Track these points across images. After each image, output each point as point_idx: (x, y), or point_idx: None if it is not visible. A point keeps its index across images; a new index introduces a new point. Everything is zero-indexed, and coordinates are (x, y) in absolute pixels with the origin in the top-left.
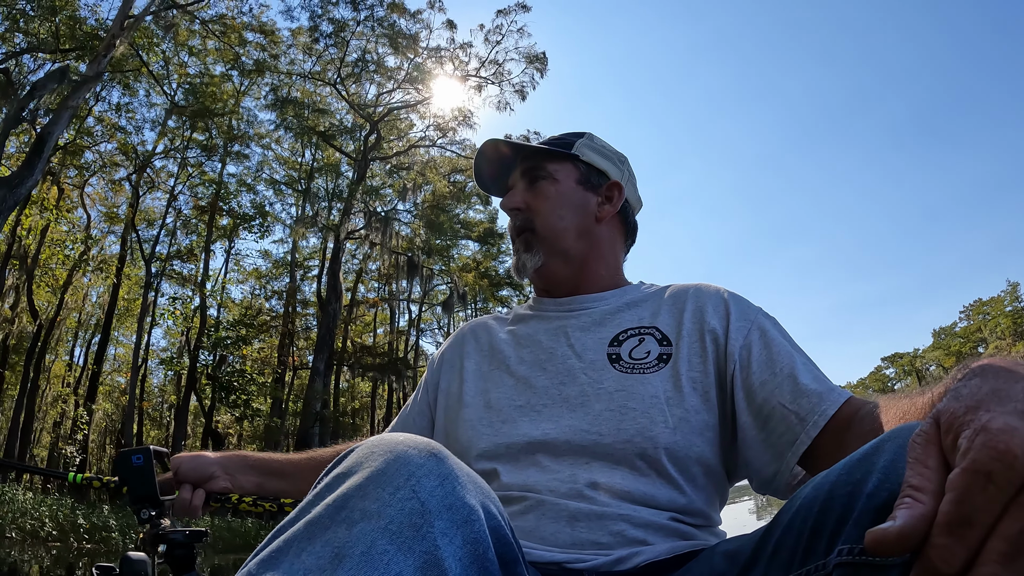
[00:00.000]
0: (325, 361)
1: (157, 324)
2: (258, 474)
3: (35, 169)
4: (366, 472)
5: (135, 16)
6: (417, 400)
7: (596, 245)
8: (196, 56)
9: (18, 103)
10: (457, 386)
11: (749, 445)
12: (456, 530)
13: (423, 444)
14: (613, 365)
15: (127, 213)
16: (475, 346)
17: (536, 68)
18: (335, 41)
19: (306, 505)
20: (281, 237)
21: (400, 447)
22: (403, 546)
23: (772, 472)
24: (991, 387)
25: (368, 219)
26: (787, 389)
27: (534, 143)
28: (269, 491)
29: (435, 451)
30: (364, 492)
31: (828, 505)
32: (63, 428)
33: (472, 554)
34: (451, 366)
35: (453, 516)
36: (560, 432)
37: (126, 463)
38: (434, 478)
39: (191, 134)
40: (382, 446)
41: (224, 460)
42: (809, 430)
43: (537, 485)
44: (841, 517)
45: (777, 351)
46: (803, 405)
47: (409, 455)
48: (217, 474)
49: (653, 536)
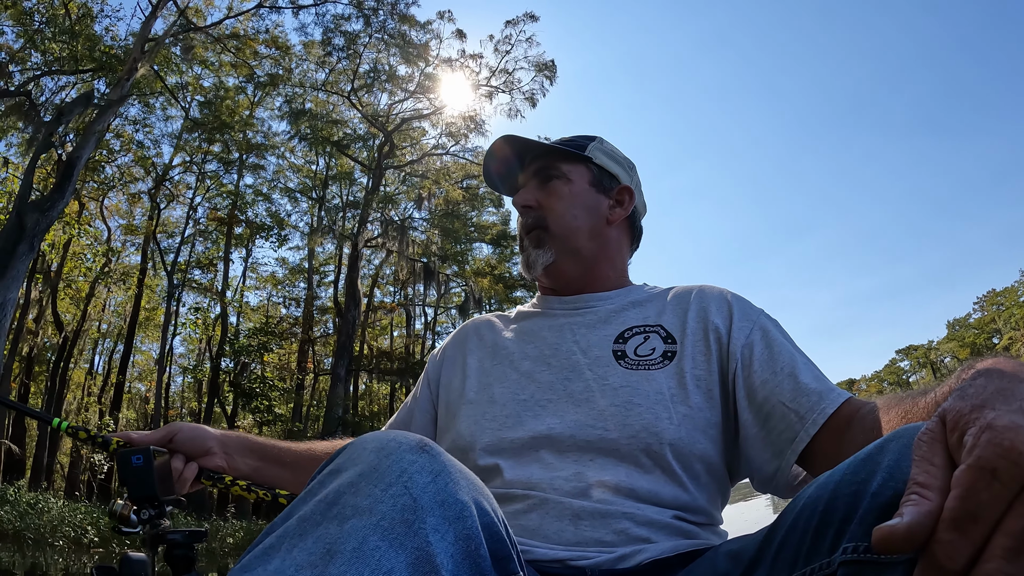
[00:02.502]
0: (345, 367)
1: (178, 334)
2: (256, 458)
3: (65, 193)
4: (358, 468)
5: (155, 39)
6: (417, 396)
7: (605, 246)
8: (210, 69)
9: (46, 128)
10: (459, 381)
11: (750, 443)
12: (448, 526)
13: (415, 440)
14: (618, 362)
15: (146, 225)
16: (478, 343)
17: (545, 76)
18: (347, 53)
19: (299, 502)
20: (298, 244)
21: (392, 443)
22: (395, 542)
23: (772, 470)
24: (996, 386)
25: (384, 227)
26: (787, 388)
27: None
28: (265, 477)
29: (427, 447)
30: (356, 488)
31: (832, 504)
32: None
33: (464, 550)
34: (453, 362)
35: (445, 512)
36: (565, 427)
37: (125, 463)
38: (426, 474)
39: (208, 146)
40: (374, 443)
41: (224, 438)
42: (808, 428)
43: (541, 483)
44: (845, 516)
45: (778, 351)
46: (803, 404)
47: (401, 451)
48: (215, 450)
49: (656, 534)
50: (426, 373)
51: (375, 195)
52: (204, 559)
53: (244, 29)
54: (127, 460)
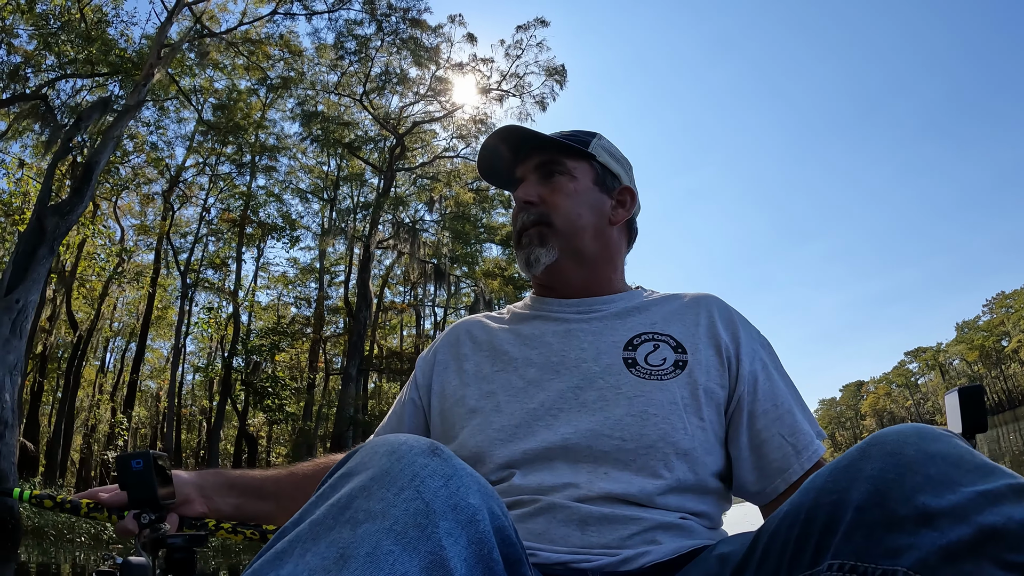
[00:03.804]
0: (357, 367)
1: (191, 334)
2: (237, 495)
3: (84, 197)
4: (370, 473)
5: (171, 44)
6: (404, 402)
7: (607, 248)
8: (223, 72)
9: (65, 134)
10: (457, 389)
11: (739, 463)
12: (461, 530)
13: (426, 444)
14: (630, 370)
15: (160, 226)
16: (472, 346)
17: (556, 80)
18: (359, 57)
19: (311, 506)
20: (309, 245)
21: (404, 447)
22: (408, 546)
23: (756, 490)
24: None
25: (396, 230)
26: (787, 423)
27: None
28: (248, 514)
29: (438, 451)
30: (368, 493)
31: (813, 514)
32: (98, 433)
33: (477, 554)
34: (445, 367)
35: (458, 516)
36: (581, 437)
37: (126, 467)
38: (438, 478)
39: (221, 147)
40: (385, 446)
41: (200, 480)
42: (804, 463)
43: (550, 488)
44: (826, 527)
45: (778, 386)
46: (800, 440)
47: (413, 455)
48: (192, 497)
49: (661, 536)
50: (414, 378)
51: (386, 197)
52: (218, 556)
53: (257, 34)
54: (127, 464)
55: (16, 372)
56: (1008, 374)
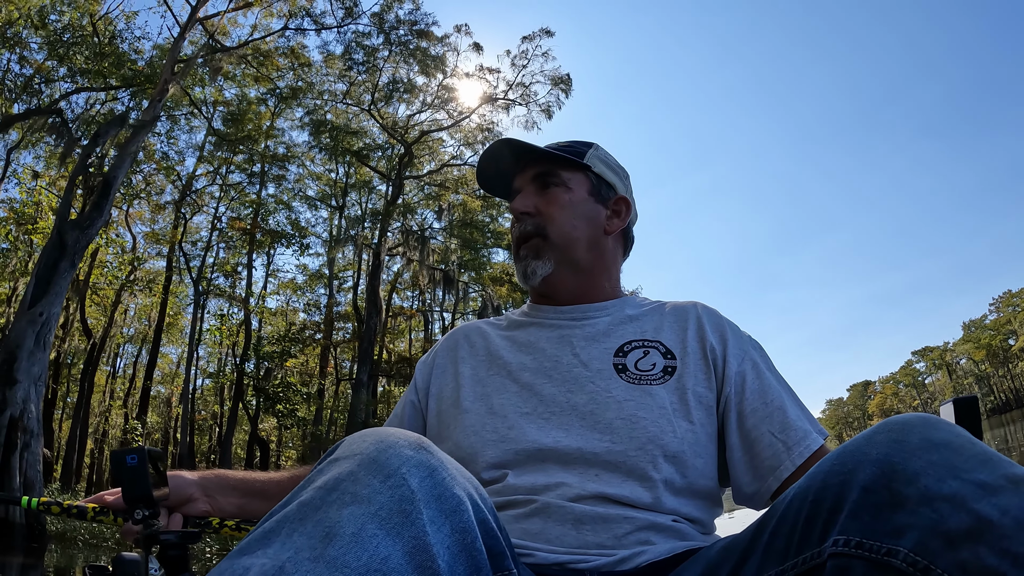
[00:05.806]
0: (367, 372)
1: (202, 341)
2: (240, 495)
3: (103, 211)
4: (358, 460)
5: (184, 60)
6: (405, 403)
7: (602, 257)
8: (233, 82)
9: (83, 150)
10: (453, 391)
11: (734, 464)
12: (444, 519)
13: (413, 437)
14: (620, 375)
15: (171, 234)
16: (469, 351)
17: (561, 89)
18: (367, 67)
19: (299, 489)
20: (318, 251)
21: (391, 438)
22: (392, 531)
23: (751, 491)
24: None
25: (405, 237)
26: (777, 420)
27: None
28: (251, 513)
29: (424, 444)
30: (356, 478)
31: (821, 495)
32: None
33: (460, 543)
34: (443, 370)
35: (442, 506)
36: (572, 440)
37: (120, 463)
38: (423, 469)
39: (232, 156)
40: (373, 436)
41: (203, 481)
42: (795, 459)
43: (543, 488)
44: (834, 506)
45: (768, 384)
46: (791, 436)
47: (399, 446)
48: (196, 496)
49: (656, 537)
50: (414, 382)
51: (395, 205)
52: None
53: (267, 46)
54: (122, 460)
55: (40, 383)
56: (1015, 372)
